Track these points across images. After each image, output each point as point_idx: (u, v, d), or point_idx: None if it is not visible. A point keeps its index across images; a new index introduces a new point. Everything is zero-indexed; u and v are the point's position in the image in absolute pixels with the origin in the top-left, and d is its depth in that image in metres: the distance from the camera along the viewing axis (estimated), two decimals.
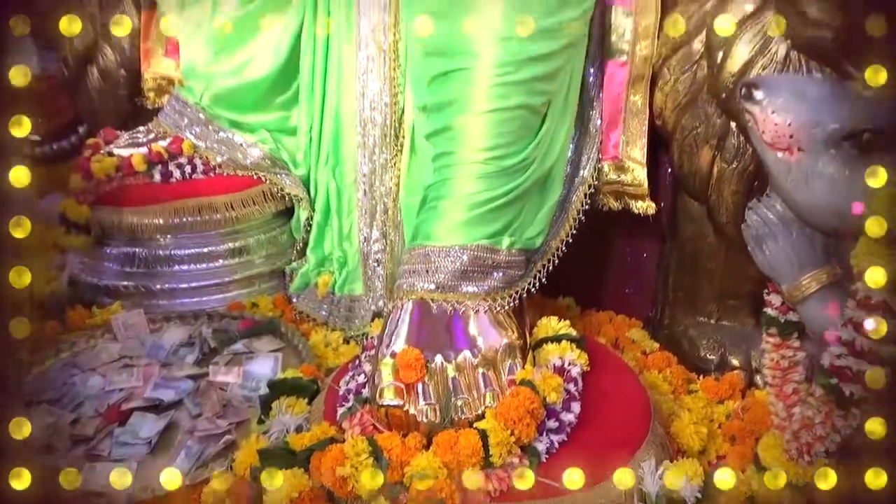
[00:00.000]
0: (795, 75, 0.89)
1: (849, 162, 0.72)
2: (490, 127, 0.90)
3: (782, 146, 0.75)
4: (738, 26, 0.97)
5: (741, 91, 0.76)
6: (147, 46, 1.56)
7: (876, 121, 0.71)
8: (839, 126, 0.72)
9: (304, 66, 1.35)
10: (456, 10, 0.90)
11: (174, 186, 1.33)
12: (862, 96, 0.73)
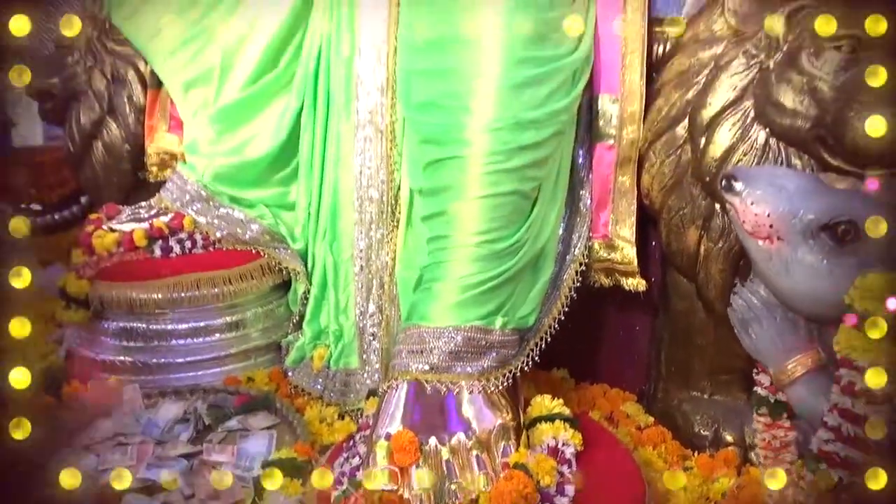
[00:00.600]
0: (773, 168, 0.93)
1: (827, 252, 0.75)
2: (482, 212, 0.93)
3: (762, 236, 0.78)
4: (719, 114, 1.02)
5: (721, 182, 0.80)
6: (152, 123, 1.61)
7: (850, 213, 0.74)
8: (815, 217, 0.75)
9: (303, 145, 1.39)
10: (450, 101, 0.95)
11: (174, 261, 1.36)
12: (836, 189, 0.77)
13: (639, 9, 1.11)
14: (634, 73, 1.12)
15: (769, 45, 0.99)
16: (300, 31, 1.35)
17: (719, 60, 1.04)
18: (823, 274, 0.74)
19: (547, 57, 0.96)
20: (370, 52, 1.27)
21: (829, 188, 0.78)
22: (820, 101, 0.93)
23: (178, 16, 1.34)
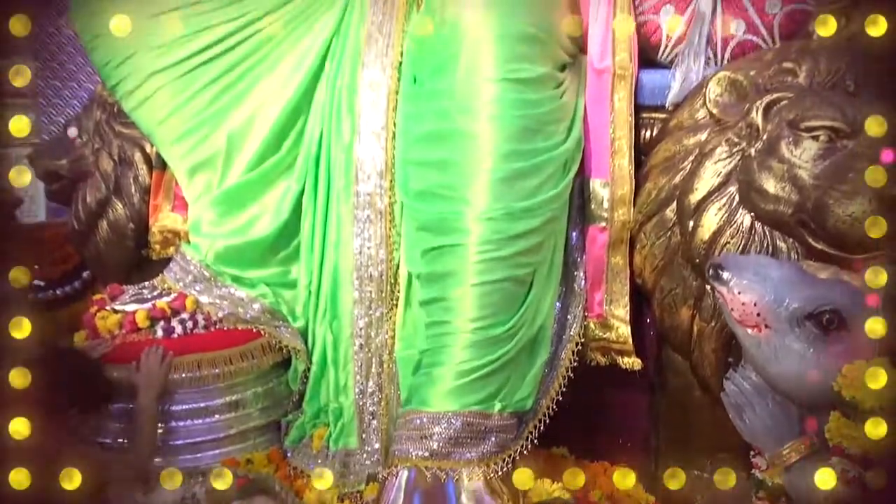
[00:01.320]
0: (758, 257, 0.96)
1: (813, 340, 0.77)
2: (478, 299, 0.96)
3: (751, 324, 0.81)
4: (705, 199, 1.06)
5: (709, 272, 0.83)
6: (156, 202, 1.65)
7: (833, 302, 0.77)
8: (800, 306, 0.78)
9: (304, 225, 1.43)
10: (447, 192, 0.99)
11: (176, 342, 1.37)
12: (819, 279, 0.79)
13: (625, 97, 1.17)
14: (623, 158, 1.16)
15: (750, 134, 1.04)
16: (302, 116, 1.41)
17: (703, 147, 1.08)
18: (811, 361, 0.76)
19: (537, 149, 1.01)
20: (370, 137, 1.32)
21: (813, 277, 0.81)
22: (801, 188, 0.97)
23: (186, 103, 1.39)
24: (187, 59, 1.35)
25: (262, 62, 1.38)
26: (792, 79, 1.03)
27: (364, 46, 1.31)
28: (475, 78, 0.99)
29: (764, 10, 1.17)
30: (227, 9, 1.34)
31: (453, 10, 1.03)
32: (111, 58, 1.35)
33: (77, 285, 2.01)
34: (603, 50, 1.15)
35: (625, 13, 1.17)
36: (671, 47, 1.22)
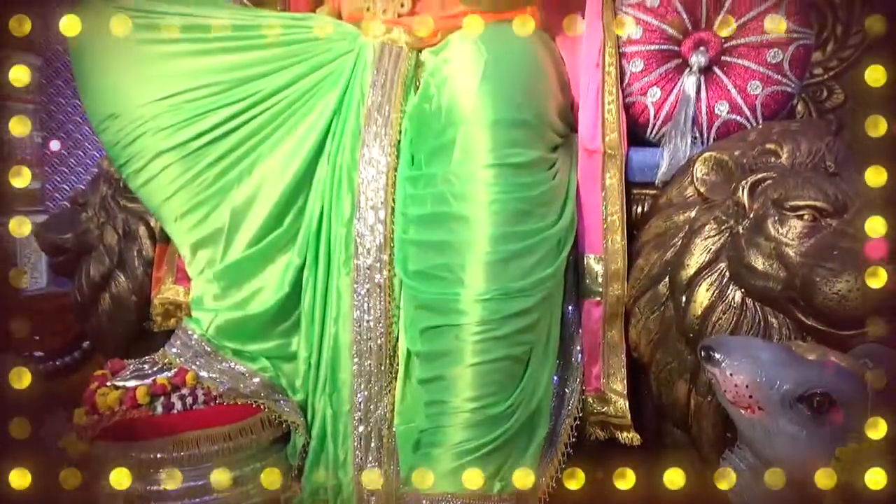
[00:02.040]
0: (748, 338, 0.98)
1: (805, 422, 0.78)
2: (476, 378, 0.98)
3: (744, 405, 0.82)
4: (696, 275, 1.09)
5: (700, 353, 0.85)
6: (159, 275, 1.68)
7: (824, 384, 0.79)
8: (791, 388, 0.80)
9: (305, 298, 1.45)
10: (444, 273, 1.01)
11: (175, 418, 1.36)
12: (809, 360, 0.81)
13: (616, 176, 1.21)
14: (616, 233, 1.20)
15: (737, 212, 1.07)
16: (304, 192, 1.45)
17: (693, 224, 1.12)
18: (804, 444, 0.77)
19: (532, 231, 1.04)
20: (369, 213, 1.35)
21: (802, 359, 0.82)
22: (788, 266, 1.00)
23: (191, 181, 1.43)
24: (194, 140, 1.39)
25: (266, 140, 1.43)
26: (775, 159, 1.08)
27: (364, 126, 1.36)
28: (471, 164, 1.03)
29: (746, 91, 1.22)
30: (235, 90, 1.38)
31: (448, 97, 1.08)
32: (120, 139, 1.40)
33: (77, 356, 2.02)
34: (593, 132, 1.20)
35: (613, 97, 1.22)
36: (659, 126, 1.27)
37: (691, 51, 1.25)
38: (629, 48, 1.27)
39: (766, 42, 1.20)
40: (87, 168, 3.66)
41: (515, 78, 1.09)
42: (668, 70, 1.27)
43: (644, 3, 1.27)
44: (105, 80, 1.37)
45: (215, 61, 1.38)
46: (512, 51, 1.16)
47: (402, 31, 1.42)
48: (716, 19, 1.25)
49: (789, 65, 1.19)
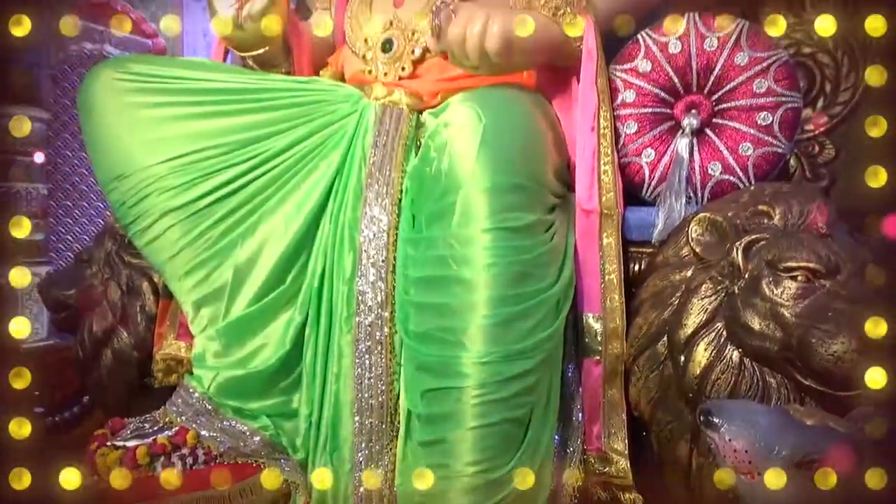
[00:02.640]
0: (746, 402, 0.99)
1: (804, 488, 0.79)
2: (477, 442, 0.98)
3: (744, 470, 0.82)
4: (694, 334, 1.10)
5: (700, 418, 0.85)
6: (161, 330, 1.69)
7: (822, 450, 0.79)
8: (789, 454, 0.80)
9: (306, 355, 1.46)
10: (445, 335, 1.03)
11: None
12: (807, 425, 0.82)
13: (613, 235, 1.24)
14: (614, 292, 1.21)
15: (733, 273, 1.09)
16: (306, 250, 1.47)
17: (689, 284, 1.13)
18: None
19: (530, 293, 1.06)
20: (370, 270, 1.37)
21: (800, 423, 0.83)
22: (784, 326, 1.01)
23: (196, 240, 1.45)
24: (199, 199, 1.42)
25: (270, 199, 1.46)
26: (767, 220, 1.10)
27: (365, 185, 1.39)
28: (470, 228, 1.05)
29: (738, 152, 1.26)
30: (240, 151, 1.42)
31: (448, 162, 1.11)
32: (126, 199, 1.43)
33: (76, 411, 2.01)
34: (590, 193, 1.23)
35: (608, 158, 1.26)
36: (654, 186, 1.30)
37: (683, 113, 1.29)
38: (623, 111, 1.31)
39: (756, 105, 1.24)
40: (91, 219, 3.70)
41: (513, 143, 1.12)
42: (661, 132, 1.30)
43: (636, 68, 1.31)
44: (113, 142, 1.41)
45: (221, 123, 1.42)
46: (509, 115, 1.19)
47: (403, 93, 1.46)
48: (705, 83, 1.29)
49: (779, 127, 1.23)
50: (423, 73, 1.48)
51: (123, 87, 1.39)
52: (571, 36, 1.30)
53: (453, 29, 1.23)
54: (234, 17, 1.50)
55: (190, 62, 1.55)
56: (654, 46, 1.30)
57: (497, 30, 1.21)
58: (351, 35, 1.60)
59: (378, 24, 1.54)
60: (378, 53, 1.51)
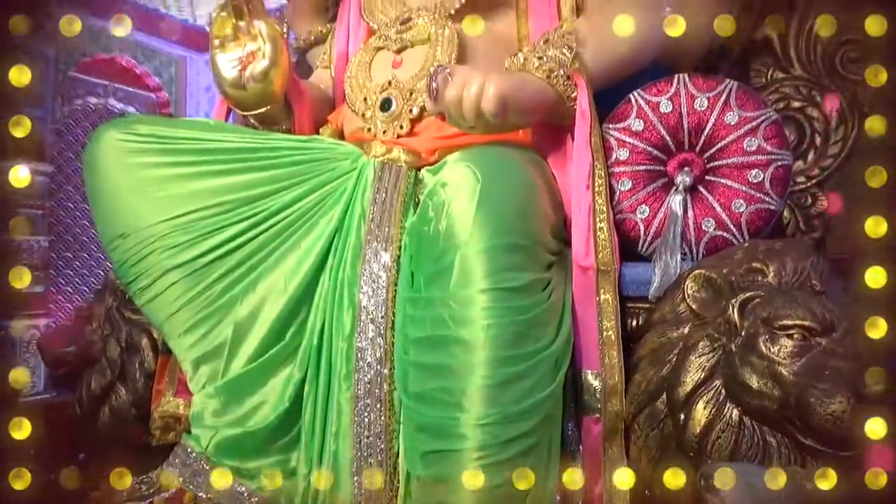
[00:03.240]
0: (746, 465, 0.99)
1: None
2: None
3: None
4: (693, 392, 1.10)
5: (700, 482, 0.85)
6: (160, 387, 1.69)
7: None
8: None
9: (305, 413, 1.45)
10: (444, 396, 1.03)
11: None
12: (807, 490, 0.82)
13: (610, 291, 1.25)
14: (612, 348, 1.22)
15: (729, 330, 1.10)
16: (305, 307, 1.48)
17: (687, 341, 1.14)
18: None
19: (529, 353, 1.07)
20: (369, 327, 1.38)
21: (801, 487, 0.83)
22: (782, 385, 1.02)
23: (196, 297, 1.46)
24: (200, 257, 1.44)
25: (270, 256, 1.47)
26: (762, 278, 1.11)
27: (364, 242, 1.41)
28: (468, 288, 1.06)
29: (731, 208, 1.28)
30: (242, 209, 1.44)
31: (446, 222, 1.13)
32: (128, 258, 1.44)
33: (73, 468, 1.98)
34: (586, 249, 1.25)
35: (604, 215, 1.28)
36: (649, 242, 1.32)
37: (676, 171, 1.31)
38: (618, 168, 1.34)
39: (747, 163, 1.27)
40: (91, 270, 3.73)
41: (509, 202, 1.14)
42: (655, 188, 1.33)
43: (629, 127, 1.35)
44: (117, 202, 1.43)
45: (223, 182, 1.44)
46: (506, 174, 1.22)
47: (402, 150, 1.50)
48: (697, 142, 1.32)
49: (770, 184, 1.25)
50: (421, 130, 1.52)
51: (128, 148, 1.41)
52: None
53: (450, 91, 1.27)
54: (236, 77, 1.54)
55: (193, 122, 1.59)
56: (646, 106, 1.34)
57: (493, 92, 1.24)
58: (351, 94, 1.64)
59: (377, 84, 1.58)
60: (377, 112, 1.55)
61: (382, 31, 1.65)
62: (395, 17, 1.65)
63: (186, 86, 4.24)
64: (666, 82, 1.34)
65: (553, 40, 1.38)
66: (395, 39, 1.60)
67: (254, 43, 1.54)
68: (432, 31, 1.56)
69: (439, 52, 1.53)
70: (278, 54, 1.53)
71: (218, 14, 1.53)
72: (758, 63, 1.86)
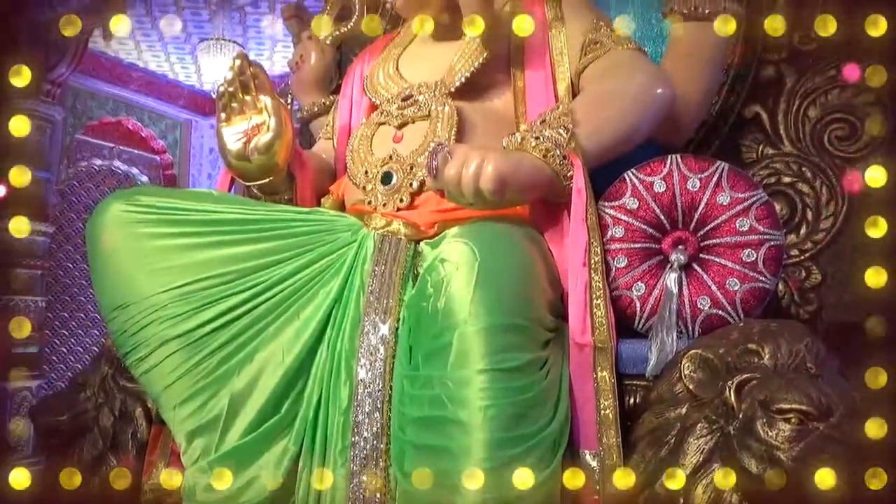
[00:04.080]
0: None
1: None
2: None
3: None
4: (693, 475, 1.09)
5: None
6: (152, 458, 1.66)
7: None
8: None
9: (300, 487, 1.42)
10: (441, 478, 1.02)
11: None
12: None
13: (607, 368, 1.25)
14: (610, 427, 1.21)
15: (727, 413, 1.10)
16: (302, 379, 1.47)
17: (684, 422, 1.14)
18: None
19: (527, 434, 1.07)
20: (366, 400, 1.37)
21: None
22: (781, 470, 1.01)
23: (193, 368, 1.45)
24: (199, 328, 1.44)
25: (268, 327, 1.48)
26: (758, 360, 1.12)
27: (363, 314, 1.41)
28: (465, 369, 1.07)
29: (725, 287, 1.30)
30: (242, 280, 1.45)
31: (444, 301, 1.14)
32: (127, 328, 1.45)
33: None
34: (583, 327, 1.26)
35: (600, 292, 1.29)
36: (646, 319, 1.33)
37: (671, 248, 1.34)
38: (613, 245, 1.36)
39: (740, 243, 1.29)
40: (87, 331, 3.72)
41: (508, 281, 1.16)
42: (650, 265, 1.35)
43: (624, 205, 1.38)
44: (118, 273, 1.44)
45: (224, 253, 1.46)
46: (504, 252, 1.24)
47: (402, 223, 1.52)
48: (691, 221, 1.35)
49: (763, 263, 1.27)
50: (421, 204, 1.55)
51: (131, 219, 1.44)
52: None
53: (449, 170, 1.30)
54: (241, 149, 1.58)
55: (197, 193, 1.62)
56: (640, 185, 1.37)
57: (491, 170, 1.27)
58: (352, 167, 1.68)
59: (378, 158, 1.62)
60: (378, 185, 1.59)
61: (384, 107, 1.71)
62: (396, 94, 1.70)
63: (190, 148, 4.32)
64: (659, 162, 1.38)
65: (550, 121, 1.43)
66: (396, 115, 1.65)
67: (259, 116, 1.59)
68: (433, 107, 1.61)
69: (439, 128, 1.58)
70: (282, 128, 1.58)
71: (226, 89, 1.58)
72: (748, 139, 1.92)
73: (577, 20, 1.69)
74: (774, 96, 1.88)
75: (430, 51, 1.79)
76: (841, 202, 1.78)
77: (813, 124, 1.83)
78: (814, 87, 1.83)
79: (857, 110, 1.78)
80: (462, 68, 1.64)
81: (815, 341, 1.11)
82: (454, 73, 1.64)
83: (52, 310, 3.20)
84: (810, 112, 1.83)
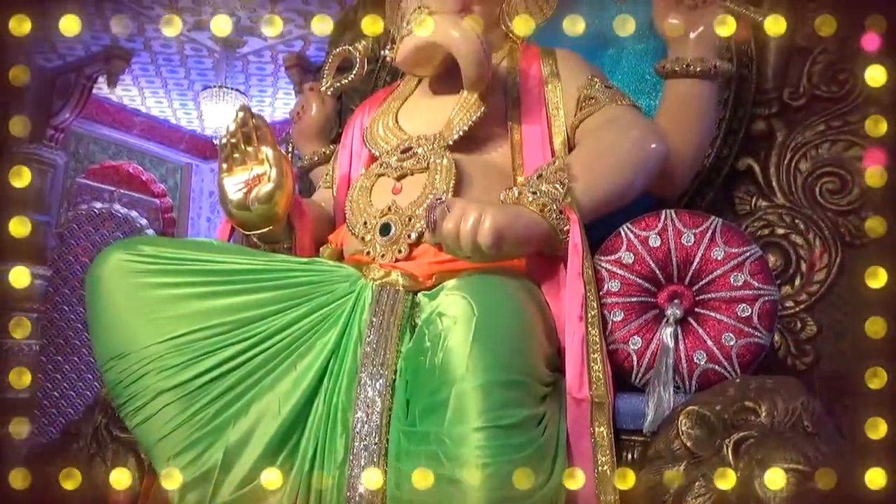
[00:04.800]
0: None
1: None
2: None
3: None
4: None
5: None
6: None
7: None
8: None
9: None
10: None
11: None
12: None
13: (605, 423, 1.25)
14: (608, 484, 1.20)
15: (724, 473, 1.09)
16: (297, 431, 1.46)
17: (683, 480, 1.13)
18: None
19: (525, 493, 1.06)
20: (363, 454, 1.36)
21: None
22: None
23: (188, 419, 1.44)
24: (195, 379, 1.43)
25: (265, 379, 1.47)
26: (754, 417, 1.12)
27: (360, 366, 1.41)
28: (462, 425, 1.07)
29: (721, 342, 1.30)
30: (239, 330, 1.45)
31: (442, 356, 1.14)
32: (123, 378, 1.44)
33: None
34: (580, 381, 1.26)
35: (597, 346, 1.30)
36: (643, 373, 1.34)
37: (667, 302, 1.35)
38: (609, 299, 1.37)
39: (735, 298, 1.30)
40: (80, 375, 3.69)
41: (505, 337, 1.17)
42: (647, 319, 1.36)
43: (620, 259, 1.39)
44: (115, 322, 1.44)
45: (222, 303, 1.47)
46: (501, 306, 1.25)
47: (400, 274, 1.53)
48: (686, 275, 1.36)
49: (758, 318, 1.28)
50: (419, 255, 1.56)
51: (131, 269, 1.44)
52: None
53: (447, 224, 1.32)
54: (242, 199, 1.60)
55: (198, 243, 1.64)
56: (636, 240, 1.39)
57: (489, 225, 1.29)
58: (351, 218, 1.70)
59: (377, 209, 1.64)
60: (377, 236, 1.60)
61: (384, 159, 1.73)
62: (395, 146, 1.74)
63: (191, 191, 4.36)
64: (654, 217, 1.40)
65: (546, 175, 1.45)
66: (395, 167, 1.68)
67: (260, 167, 1.61)
68: (431, 160, 1.64)
69: (438, 180, 1.60)
70: (283, 178, 1.60)
71: (228, 140, 1.61)
72: (741, 191, 1.95)
73: (573, 76, 1.73)
74: (766, 150, 1.92)
75: (428, 104, 1.83)
76: (834, 254, 1.80)
77: (804, 177, 1.86)
78: (804, 141, 1.87)
79: (846, 164, 1.81)
80: (460, 122, 1.68)
81: (811, 399, 1.12)
82: (452, 126, 1.68)
83: (45, 353, 3.18)
84: (801, 165, 1.87)
